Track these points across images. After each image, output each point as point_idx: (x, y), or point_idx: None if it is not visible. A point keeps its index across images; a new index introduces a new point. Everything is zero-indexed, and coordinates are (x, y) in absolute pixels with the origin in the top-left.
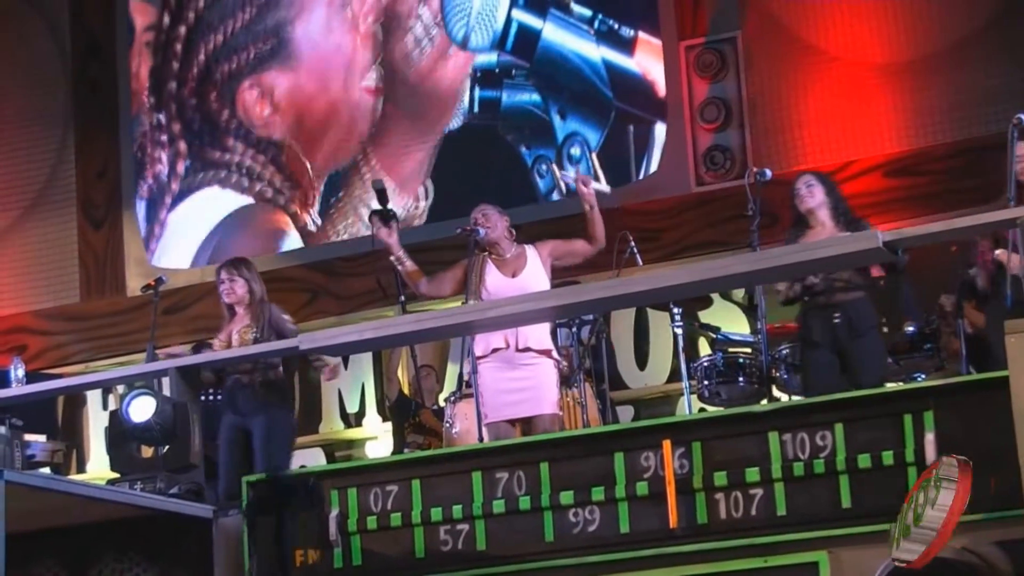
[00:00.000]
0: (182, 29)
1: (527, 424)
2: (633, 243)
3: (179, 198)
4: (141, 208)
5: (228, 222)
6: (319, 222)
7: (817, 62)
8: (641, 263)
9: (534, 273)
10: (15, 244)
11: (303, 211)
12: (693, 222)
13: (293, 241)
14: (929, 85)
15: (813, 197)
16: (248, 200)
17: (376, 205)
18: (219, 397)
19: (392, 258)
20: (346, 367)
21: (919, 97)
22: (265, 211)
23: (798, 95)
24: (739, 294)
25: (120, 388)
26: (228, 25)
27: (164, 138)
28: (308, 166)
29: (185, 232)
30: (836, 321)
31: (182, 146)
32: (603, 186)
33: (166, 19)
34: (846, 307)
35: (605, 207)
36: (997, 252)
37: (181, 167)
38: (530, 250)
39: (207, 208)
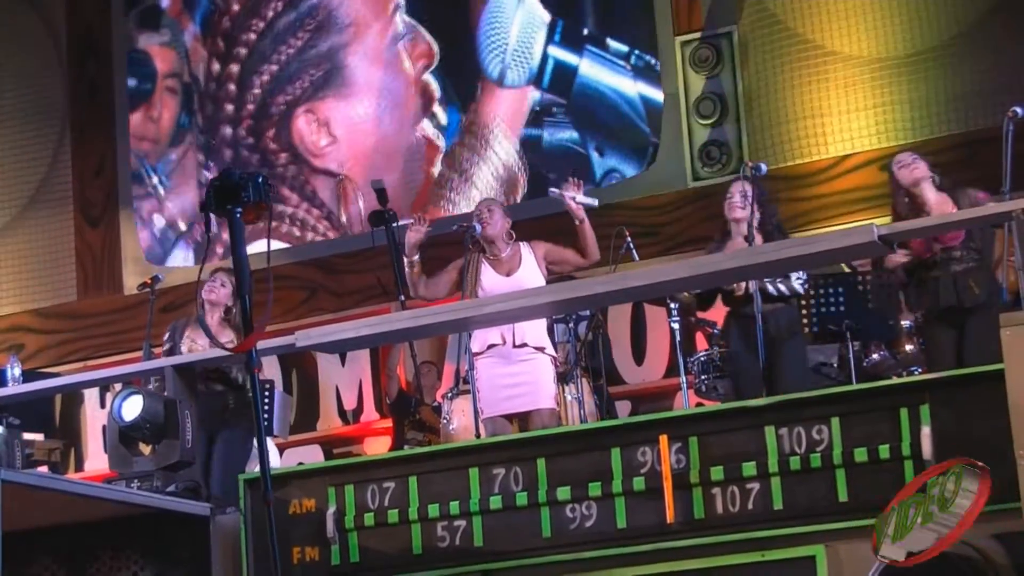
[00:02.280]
0: (235, 68)
1: (524, 419)
2: (629, 238)
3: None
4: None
5: None
6: None
7: (813, 56)
8: (637, 258)
9: (529, 272)
10: (12, 243)
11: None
12: (690, 217)
13: None
14: (925, 79)
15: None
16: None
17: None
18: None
19: (405, 258)
20: (343, 364)
21: (915, 91)
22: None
23: (794, 90)
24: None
25: (117, 386)
26: (282, 53)
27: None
28: (361, 205)
29: None
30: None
31: None
32: (591, 200)
33: (215, 65)
34: (771, 315)
35: (602, 201)
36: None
37: None
38: (525, 248)
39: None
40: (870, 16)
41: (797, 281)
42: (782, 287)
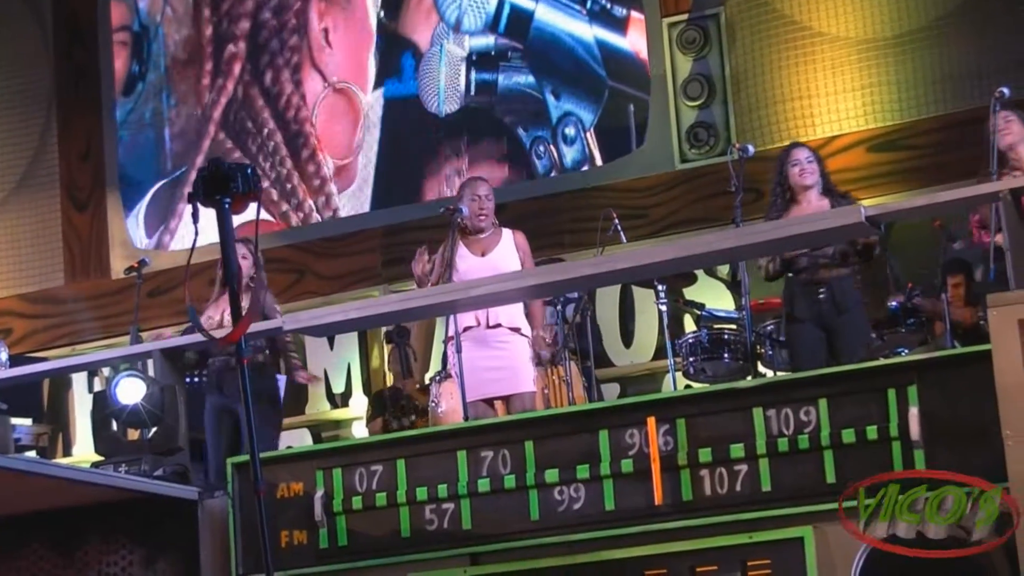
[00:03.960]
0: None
1: (505, 403)
2: (617, 220)
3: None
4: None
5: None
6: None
7: (800, 37)
8: (625, 240)
9: (504, 254)
10: None
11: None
12: (678, 199)
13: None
14: (913, 60)
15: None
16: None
17: None
18: (202, 379)
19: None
20: (332, 347)
21: (902, 71)
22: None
23: (781, 71)
24: (723, 270)
25: (105, 371)
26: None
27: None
28: (327, 167)
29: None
30: (821, 297)
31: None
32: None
33: None
34: (831, 284)
35: (591, 184)
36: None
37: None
38: (507, 233)
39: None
40: None
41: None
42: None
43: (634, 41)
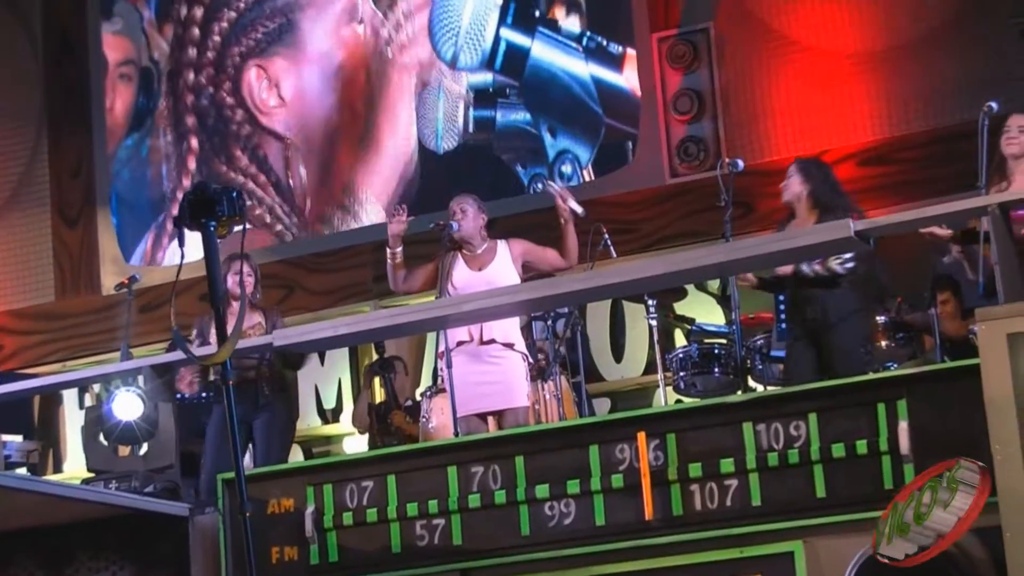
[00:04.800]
0: (198, 12)
1: (498, 418)
2: (607, 235)
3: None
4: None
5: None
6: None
7: (789, 52)
8: (615, 255)
9: (501, 268)
10: None
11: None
12: (668, 214)
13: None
14: (902, 73)
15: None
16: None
17: None
18: (207, 395)
19: (388, 249)
20: (322, 363)
21: (892, 85)
22: (258, 232)
23: (771, 85)
24: (713, 285)
25: (96, 387)
26: (241, 1)
27: (176, 148)
28: (302, 174)
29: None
30: (811, 314)
31: (194, 143)
32: (579, 208)
33: (183, 8)
34: (823, 298)
35: (580, 198)
36: None
37: (188, 181)
38: (501, 245)
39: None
40: (846, 11)
41: (836, 262)
42: (818, 268)
43: (630, 78)
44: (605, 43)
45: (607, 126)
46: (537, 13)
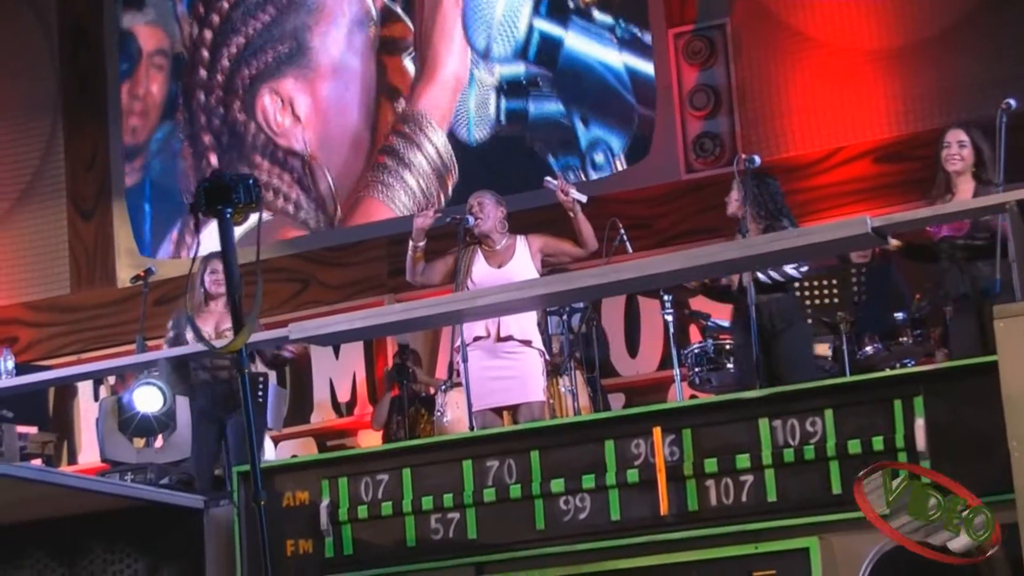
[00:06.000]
0: (208, 34)
1: (514, 412)
2: (623, 230)
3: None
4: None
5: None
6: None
7: (806, 48)
8: (631, 250)
9: (521, 264)
10: (5, 236)
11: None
12: (683, 209)
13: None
14: (919, 70)
15: None
16: (267, 216)
17: None
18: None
19: (412, 242)
20: (337, 357)
21: (909, 83)
22: (283, 224)
23: (787, 81)
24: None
25: (111, 379)
26: (250, 26)
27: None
28: (330, 180)
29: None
30: (759, 320)
31: (213, 159)
32: (581, 196)
33: (195, 29)
34: (766, 306)
35: (596, 193)
36: None
37: None
38: (521, 241)
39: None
40: (863, 8)
41: (790, 266)
42: (773, 273)
43: None
44: (639, 33)
45: (640, 115)
46: (571, 3)
